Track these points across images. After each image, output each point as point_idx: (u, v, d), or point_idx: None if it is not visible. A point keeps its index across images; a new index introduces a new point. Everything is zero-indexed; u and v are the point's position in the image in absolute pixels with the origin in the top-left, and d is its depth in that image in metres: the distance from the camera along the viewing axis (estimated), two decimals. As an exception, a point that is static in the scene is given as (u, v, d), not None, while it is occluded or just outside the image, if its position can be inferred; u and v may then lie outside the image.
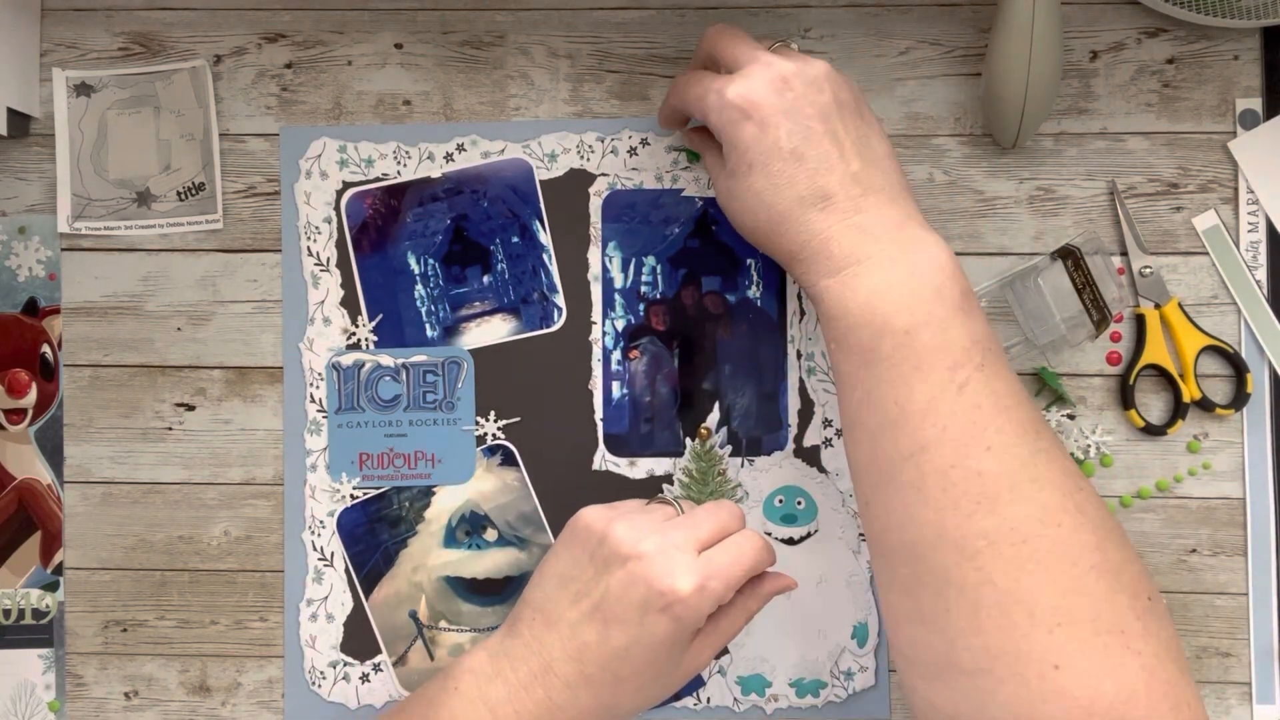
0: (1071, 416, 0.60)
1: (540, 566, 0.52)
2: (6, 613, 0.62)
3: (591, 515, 0.51)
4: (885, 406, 0.47)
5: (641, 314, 0.61)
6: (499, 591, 0.61)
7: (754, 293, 0.61)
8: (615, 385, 0.61)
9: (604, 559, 0.49)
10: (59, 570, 0.62)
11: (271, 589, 0.62)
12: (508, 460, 0.61)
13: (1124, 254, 0.61)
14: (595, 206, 0.61)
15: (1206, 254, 0.61)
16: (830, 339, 0.50)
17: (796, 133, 0.49)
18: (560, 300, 0.61)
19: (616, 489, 0.61)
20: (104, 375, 0.62)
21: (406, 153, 0.61)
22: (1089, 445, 0.60)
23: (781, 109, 0.49)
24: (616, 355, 0.61)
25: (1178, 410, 0.60)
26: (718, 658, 0.60)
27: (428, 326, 0.61)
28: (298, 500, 0.61)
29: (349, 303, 0.61)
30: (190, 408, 0.62)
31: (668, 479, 0.61)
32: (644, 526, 0.50)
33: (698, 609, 0.48)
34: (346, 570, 0.61)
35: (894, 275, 0.48)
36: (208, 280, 0.62)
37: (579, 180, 0.61)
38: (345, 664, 0.61)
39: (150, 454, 0.62)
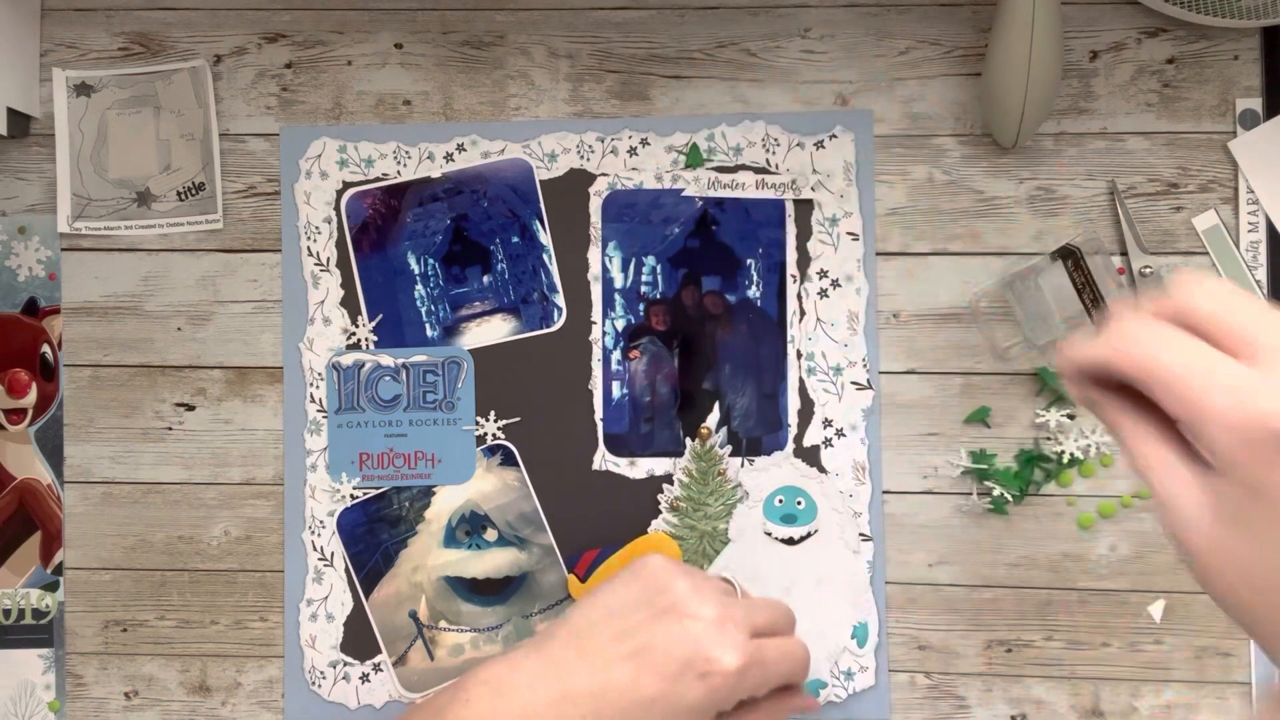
0: (1071, 416, 0.60)
1: (592, 594, 0.51)
2: (6, 613, 0.62)
3: (661, 562, 0.50)
4: None
5: (641, 314, 0.61)
6: (499, 591, 0.61)
7: (754, 293, 0.61)
8: (615, 385, 0.61)
9: (662, 608, 0.48)
10: (59, 570, 0.62)
11: (271, 589, 0.62)
12: (508, 460, 0.61)
13: (1124, 254, 0.61)
14: (595, 206, 0.61)
15: (1207, 254, 0.61)
16: None
17: None
18: (560, 300, 0.61)
19: (617, 489, 0.61)
20: (104, 375, 0.62)
21: (406, 153, 0.61)
22: (1089, 445, 0.60)
23: None
24: (616, 355, 0.61)
25: (1178, 410, 0.60)
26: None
27: (428, 326, 0.61)
28: (298, 500, 0.61)
29: (349, 303, 0.61)
30: (190, 408, 0.62)
31: (668, 479, 0.61)
32: (708, 592, 0.49)
33: (734, 687, 0.47)
34: (346, 570, 0.61)
35: None
36: (208, 280, 0.62)
37: (579, 180, 0.61)
38: (345, 664, 0.61)
39: (150, 454, 0.62)
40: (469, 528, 0.61)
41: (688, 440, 0.61)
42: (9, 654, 0.62)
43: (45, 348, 0.62)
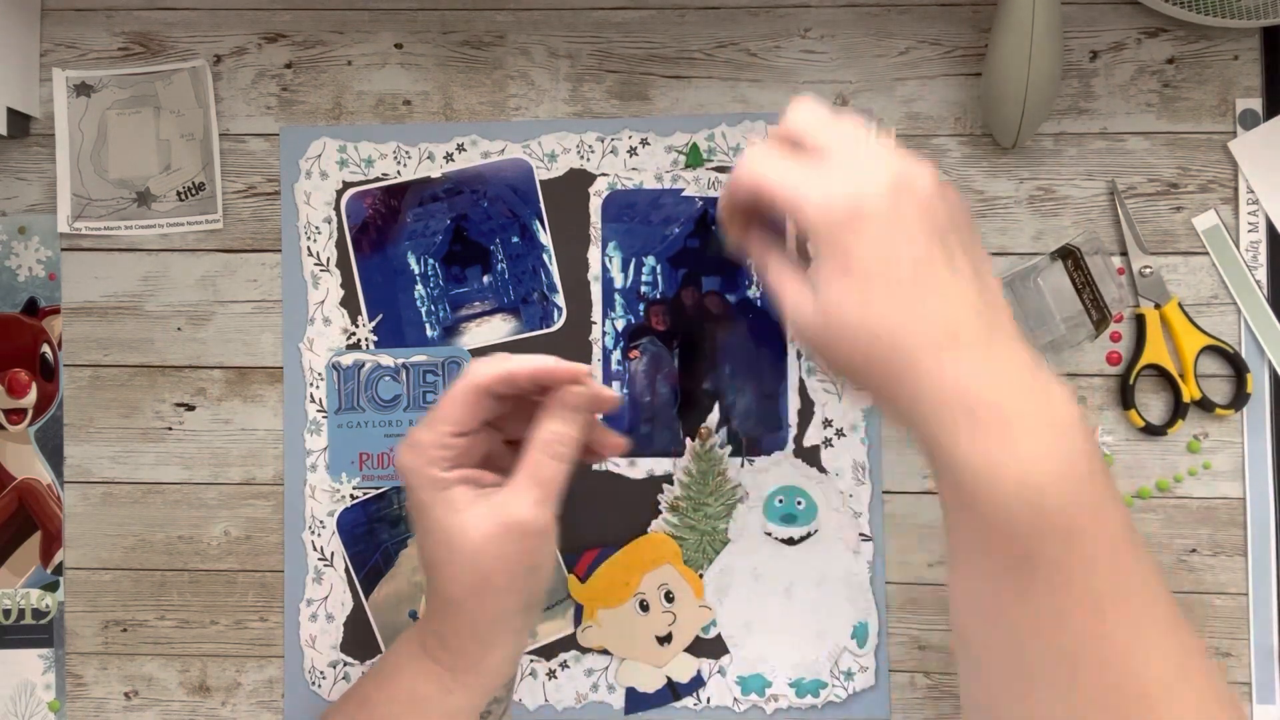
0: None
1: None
2: (6, 612, 0.62)
3: None
4: (1043, 628, 0.38)
5: (641, 314, 0.61)
6: (499, 591, 0.61)
7: (754, 293, 0.61)
8: (615, 385, 0.61)
9: None
10: (59, 570, 0.62)
11: (271, 589, 0.62)
12: (508, 460, 0.61)
13: (1124, 254, 0.61)
14: (595, 206, 0.61)
15: (1207, 254, 0.61)
16: (961, 535, 0.40)
17: (918, 251, 0.39)
18: (560, 300, 0.61)
19: (616, 489, 0.61)
20: (104, 375, 0.62)
21: (406, 153, 0.61)
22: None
23: (901, 218, 0.39)
24: (616, 355, 0.61)
25: (1178, 410, 0.60)
26: (717, 657, 0.60)
27: (428, 326, 0.61)
28: (298, 500, 0.61)
29: (349, 303, 0.61)
30: (190, 407, 0.62)
31: (668, 479, 0.61)
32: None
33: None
34: (347, 570, 0.61)
35: (1044, 442, 0.37)
36: (208, 280, 0.62)
37: (579, 180, 0.61)
38: (345, 664, 0.61)
39: (150, 454, 0.62)
40: (469, 528, 0.61)
41: (688, 440, 0.61)
42: (8, 654, 0.62)
43: (45, 348, 0.62)
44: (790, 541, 0.61)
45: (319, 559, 0.61)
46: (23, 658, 0.62)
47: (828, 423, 0.61)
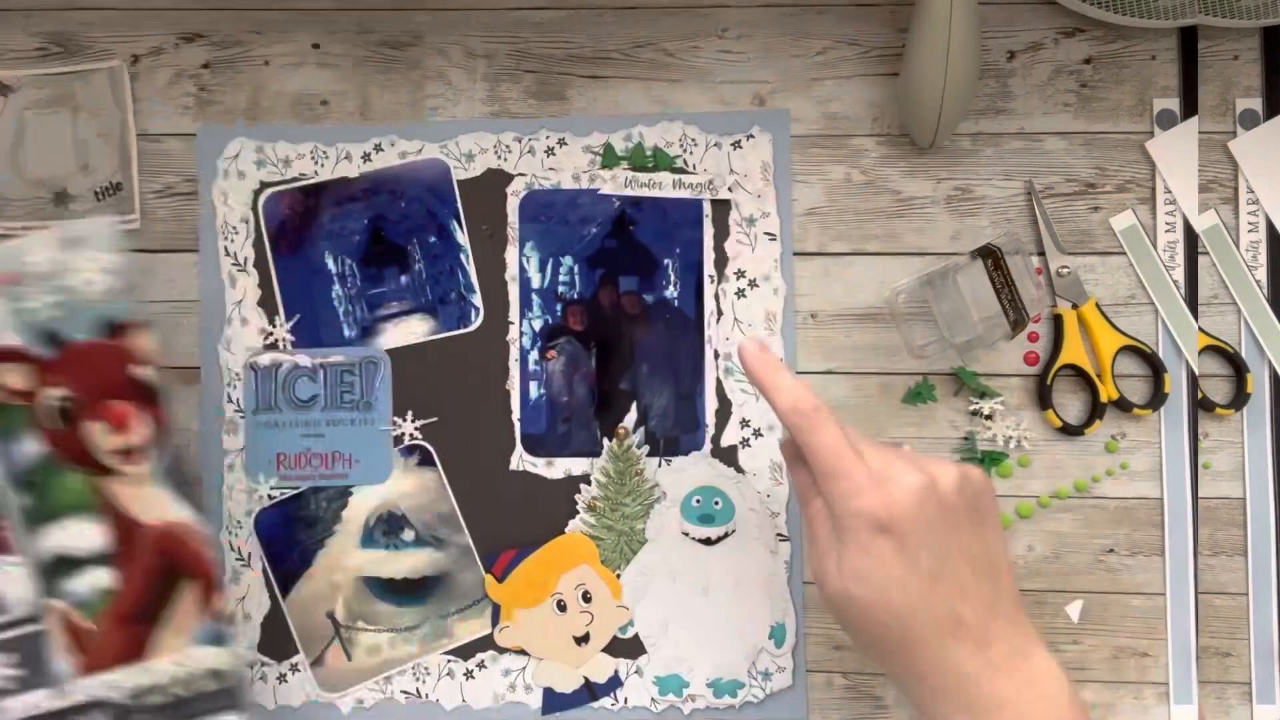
0: (989, 416, 0.60)
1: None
2: (187, 684, 0.53)
3: None
4: None
5: (559, 314, 0.61)
6: (416, 591, 0.61)
7: (671, 293, 0.61)
8: (533, 385, 0.61)
9: None
10: (226, 619, 0.55)
11: (189, 589, 0.62)
12: (425, 460, 0.61)
13: (1041, 254, 0.61)
14: (513, 206, 0.61)
15: (1124, 254, 0.61)
16: None
17: (936, 554, 0.45)
18: (478, 300, 0.61)
19: (534, 489, 0.61)
20: (23, 375, 0.62)
21: (324, 153, 0.61)
22: (1011, 439, 0.60)
23: (918, 529, 0.45)
24: (534, 355, 0.61)
25: (1095, 410, 0.60)
26: (635, 658, 0.60)
27: (345, 326, 0.61)
28: (215, 500, 0.61)
29: (266, 303, 0.61)
30: (109, 408, 0.62)
31: (585, 479, 0.61)
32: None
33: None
34: (264, 570, 0.61)
35: None
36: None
37: (496, 180, 0.61)
38: (263, 664, 0.61)
39: (69, 454, 0.62)
40: (386, 528, 0.61)
41: (605, 440, 0.61)
42: None
43: (138, 369, 0.53)
44: (708, 542, 0.60)
45: (236, 559, 0.61)
46: None
47: (745, 423, 0.61)
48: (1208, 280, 0.61)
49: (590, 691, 0.60)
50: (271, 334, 0.61)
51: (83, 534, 0.53)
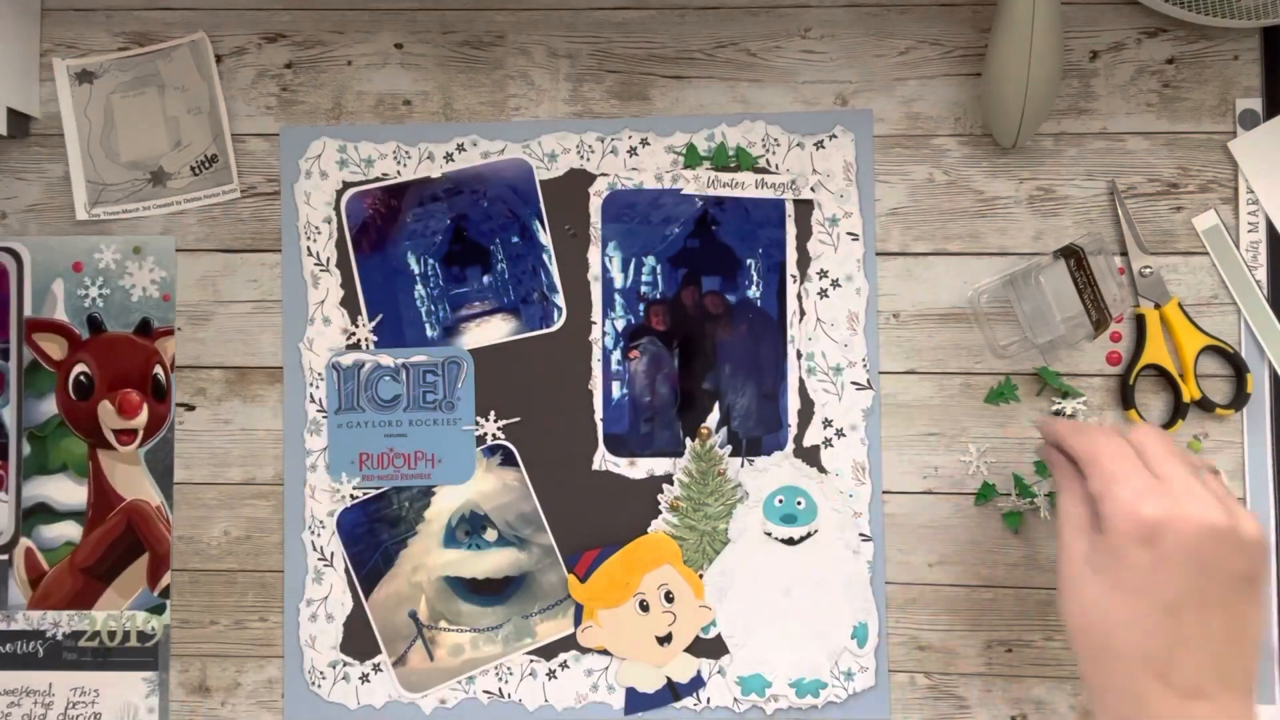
0: (1072, 415, 0.60)
1: None
2: (112, 635, 0.61)
3: None
4: None
5: (641, 314, 0.61)
6: (499, 591, 0.61)
7: (754, 293, 0.61)
8: (615, 385, 0.61)
9: None
10: (165, 593, 0.62)
11: (271, 589, 0.62)
12: (508, 460, 0.61)
13: (1124, 254, 0.61)
14: (595, 206, 0.61)
15: (1207, 254, 0.61)
16: None
17: (1186, 591, 0.43)
18: (560, 300, 0.61)
19: (617, 489, 0.61)
20: (104, 375, 0.62)
21: (406, 153, 0.61)
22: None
23: (1194, 564, 0.43)
24: (616, 355, 0.61)
25: (1178, 410, 0.60)
26: (717, 658, 0.60)
27: (427, 326, 0.61)
28: (297, 500, 0.61)
29: (349, 303, 0.61)
30: (190, 408, 0.62)
31: (668, 479, 0.61)
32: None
33: None
34: (346, 570, 0.61)
35: None
36: (207, 280, 0.62)
37: (579, 180, 0.61)
38: (345, 664, 0.61)
39: (150, 454, 0.62)
40: (469, 528, 0.61)
41: (687, 440, 0.61)
42: (113, 676, 0.61)
43: (158, 368, 0.61)
44: (790, 542, 0.60)
45: (319, 559, 0.61)
46: (127, 680, 0.61)
47: (828, 423, 0.61)
48: (1208, 280, 0.61)
49: (673, 692, 0.60)
50: (354, 334, 0.61)
51: (67, 491, 0.62)
